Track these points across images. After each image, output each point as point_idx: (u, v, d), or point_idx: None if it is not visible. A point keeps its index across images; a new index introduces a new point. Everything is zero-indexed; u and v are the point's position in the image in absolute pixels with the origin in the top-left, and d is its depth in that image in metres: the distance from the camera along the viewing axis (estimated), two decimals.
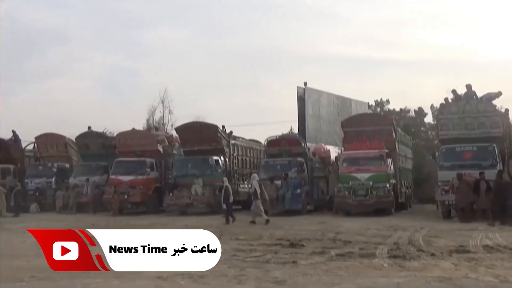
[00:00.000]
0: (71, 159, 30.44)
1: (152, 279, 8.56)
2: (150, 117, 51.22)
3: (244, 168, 28.25)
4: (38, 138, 31.05)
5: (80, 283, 8.34)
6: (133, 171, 25.91)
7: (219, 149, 25.93)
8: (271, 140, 26.24)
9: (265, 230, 16.11)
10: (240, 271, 9.14)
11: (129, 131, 28.59)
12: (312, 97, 32.46)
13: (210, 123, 27.55)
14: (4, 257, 11.45)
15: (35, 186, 28.52)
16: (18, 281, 8.59)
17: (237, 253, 11.33)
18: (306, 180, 24.42)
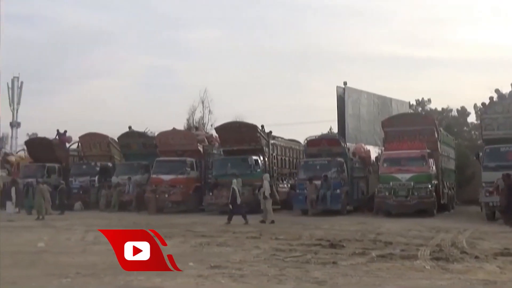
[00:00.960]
0: (114, 158, 31.02)
1: (193, 277, 8.66)
2: (190, 117, 51.80)
3: (283, 168, 28.23)
4: (82, 138, 31.76)
5: (123, 280, 8.48)
6: (174, 170, 26.20)
7: (258, 148, 25.99)
8: (310, 140, 26.13)
9: (304, 230, 16.07)
10: (280, 271, 9.15)
11: (170, 130, 28.95)
12: (352, 97, 32.16)
13: (249, 123, 27.63)
14: (50, 253, 11.79)
15: (79, 185, 29.21)
16: (63, 277, 8.80)
17: (277, 252, 11.34)
18: (345, 180, 24.23)
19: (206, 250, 12.13)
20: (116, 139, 30.74)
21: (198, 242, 13.36)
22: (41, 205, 22.94)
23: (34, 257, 11.06)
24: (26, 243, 13.55)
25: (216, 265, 9.72)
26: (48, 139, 32.70)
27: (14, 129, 60.42)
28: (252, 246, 12.52)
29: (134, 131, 29.97)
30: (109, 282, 8.42)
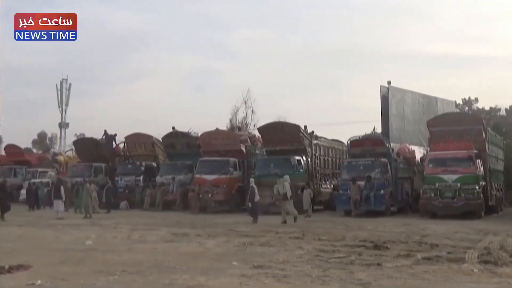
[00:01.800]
0: (158, 158, 31.48)
1: (236, 276, 8.71)
2: (233, 117, 52.08)
3: (326, 168, 28.06)
4: (128, 138, 32.37)
5: (167, 278, 8.61)
6: (217, 170, 26.40)
7: (301, 149, 25.91)
8: (354, 140, 25.87)
9: (348, 231, 15.94)
10: (324, 272, 9.10)
11: (213, 131, 29.19)
12: (396, 96, 31.74)
13: (292, 123, 27.56)
14: (97, 251, 12.06)
15: (125, 184, 29.78)
16: (110, 274, 8.98)
17: (320, 253, 11.29)
18: (389, 181, 23.89)
19: (249, 249, 12.17)
20: (161, 139, 31.20)
21: (241, 242, 13.42)
22: (88, 204, 23.50)
23: (82, 255, 11.34)
24: (74, 241, 13.91)
25: (260, 265, 9.74)
26: (95, 139, 33.50)
27: (62, 129, 62.12)
28: (295, 247, 12.50)
29: (178, 131, 30.32)
30: (154, 280, 8.55)
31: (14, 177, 36.79)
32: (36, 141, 68.68)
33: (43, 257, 10.87)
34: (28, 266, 9.57)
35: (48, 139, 71.09)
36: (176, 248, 12.57)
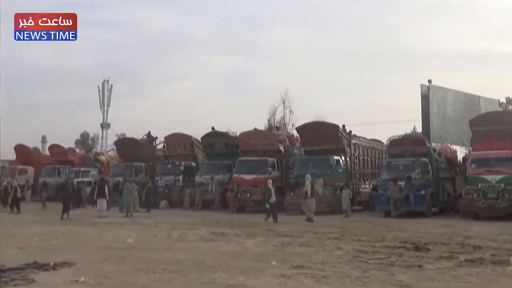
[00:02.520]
0: (197, 158, 31.75)
1: (275, 276, 8.72)
2: (271, 117, 52.22)
3: (365, 168, 27.81)
4: (167, 138, 32.77)
5: (207, 277, 8.68)
6: (255, 170, 26.45)
7: (339, 148, 25.75)
8: (393, 139, 25.52)
9: (387, 232, 15.74)
10: (363, 273, 9.02)
11: (251, 131, 29.25)
12: (437, 95, 31.10)
13: (330, 123, 27.43)
14: (138, 249, 12.26)
15: (164, 184, 30.15)
16: (151, 272, 9.12)
17: (360, 254, 11.19)
18: (430, 181, 23.48)
19: (288, 249, 12.16)
20: (200, 139, 31.44)
21: (279, 242, 13.42)
22: (129, 203, 23.88)
23: (124, 253, 11.54)
24: (116, 239, 14.17)
25: (299, 265, 9.73)
26: (136, 139, 34.06)
27: (104, 130, 63.43)
28: (334, 247, 12.42)
29: (217, 131, 30.51)
30: (194, 278, 8.63)
31: (58, 176, 37.71)
32: (79, 141, 70.30)
33: (86, 255, 11.12)
34: (72, 263, 9.80)
35: (90, 139, 72.70)
36: (215, 247, 12.66)
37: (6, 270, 9.10)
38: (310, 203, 20.85)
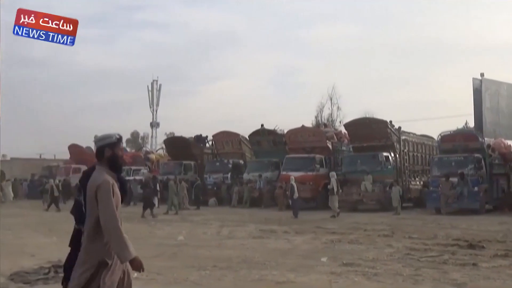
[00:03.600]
0: (245, 156, 31.89)
1: (325, 274, 8.69)
2: (318, 113, 51.90)
3: (415, 164, 27.31)
4: (215, 136, 33.06)
5: (257, 274, 8.72)
6: (303, 167, 26.34)
7: (389, 145, 25.37)
8: (444, 135, 24.94)
9: (439, 229, 15.42)
10: (415, 271, 8.87)
11: (299, 128, 29.15)
12: (490, 89, 30.22)
13: (379, 119, 27.05)
14: (189, 246, 12.44)
15: (213, 181, 30.41)
16: (202, 269, 9.23)
17: (411, 252, 11.00)
18: (484, 178, 22.82)
19: (338, 247, 12.10)
20: (247, 137, 31.57)
21: (329, 239, 13.36)
22: (172, 201, 24.10)
23: (175, 250, 11.74)
24: (167, 236, 14.43)
25: (349, 263, 9.66)
26: (185, 138, 34.49)
27: (153, 129, 64.53)
28: (384, 245, 12.27)
29: (264, 129, 30.55)
30: (244, 275, 8.70)
31: None
32: (130, 140, 71.78)
33: (138, 251, 11.17)
34: None
35: (141, 138, 74.11)
36: (265, 244, 12.71)
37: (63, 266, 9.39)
38: (334, 200, 21.26)
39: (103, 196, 4.06)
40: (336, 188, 21.51)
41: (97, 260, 4.07)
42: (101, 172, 4.21)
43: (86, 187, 4.20)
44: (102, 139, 4.36)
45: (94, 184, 4.14)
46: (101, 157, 4.29)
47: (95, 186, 4.12)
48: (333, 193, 21.37)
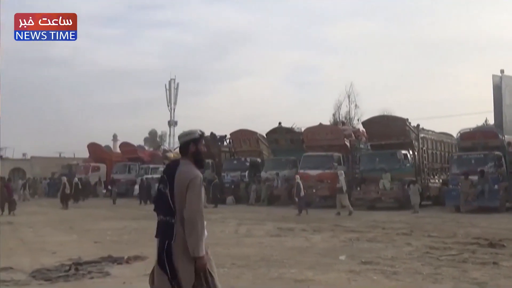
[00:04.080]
0: (262, 154, 31.91)
1: (344, 272, 8.66)
2: (336, 111, 51.78)
3: (434, 162, 27.10)
4: (233, 134, 33.11)
5: (276, 272, 8.73)
6: (321, 165, 26.26)
7: (407, 142, 25.18)
8: (464, 132, 24.71)
9: (459, 228, 15.27)
10: (435, 270, 8.80)
11: (316, 126, 29.08)
12: (510, 85, 29.88)
13: (397, 116, 26.89)
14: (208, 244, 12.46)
15: (231, 179, 30.48)
16: (220, 267, 9.22)
17: (431, 250, 10.91)
18: (504, 176, 22.53)
19: (356, 245, 12.04)
20: (265, 135, 31.58)
21: (347, 237, 13.31)
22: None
23: None
24: None
25: (367, 261, 9.62)
26: None
27: (171, 127, 64.91)
28: (403, 243, 12.19)
29: (282, 127, 30.56)
30: (262, 273, 8.70)
31: (128, 173, 38.95)
32: (148, 139, 72.27)
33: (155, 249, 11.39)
34: (144, 257, 10.09)
35: (159, 137, 74.58)
36: (283, 242, 12.70)
37: (83, 263, 9.52)
38: (343, 198, 21.60)
39: (195, 190, 4.21)
40: (345, 186, 21.84)
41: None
42: (191, 167, 4.37)
43: (172, 180, 4.30)
44: (186, 135, 4.52)
45: (186, 177, 4.25)
46: (186, 152, 4.45)
47: (188, 179, 4.23)
48: (342, 192, 21.66)
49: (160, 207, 4.44)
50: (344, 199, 21.63)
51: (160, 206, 4.44)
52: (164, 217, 4.40)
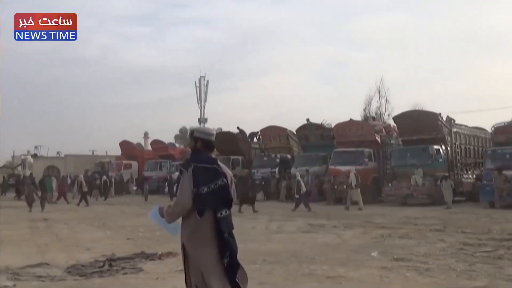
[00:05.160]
0: (292, 150, 31.85)
1: (376, 268, 8.59)
2: (366, 107, 51.27)
3: (467, 157, 26.65)
4: (263, 131, 33.14)
5: (307, 268, 8.71)
6: (351, 161, 26.04)
7: (439, 137, 24.84)
8: (498, 127, 24.22)
9: (493, 224, 15.01)
10: (470, 266, 8.66)
11: (347, 121, 28.87)
12: None
13: (429, 111, 26.54)
14: (239, 241, 12.48)
15: (261, 176, 30.50)
16: (252, 263, 9.25)
17: (465, 247, 10.75)
18: None
19: (388, 241, 11.94)
20: (294, 131, 31.51)
21: (379, 234, 13.21)
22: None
23: None
24: None
25: (400, 257, 9.52)
26: (233, 133, 34.72)
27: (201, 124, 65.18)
28: (436, 239, 12.03)
29: (312, 123, 30.44)
30: (294, 270, 8.69)
31: (160, 170, 39.34)
32: (179, 136, 72.85)
33: None
34: (176, 254, 10.17)
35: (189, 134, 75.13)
36: (314, 238, 12.67)
37: (117, 259, 9.66)
38: (354, 194, 22.18)
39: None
40: (356, 182, 22.29)
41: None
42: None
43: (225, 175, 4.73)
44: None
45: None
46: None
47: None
48: (352, 187, 22.33)
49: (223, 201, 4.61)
50: (354, 195, 22.19)
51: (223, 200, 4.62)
52: (229, 210, 4.69)
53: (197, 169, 4.60)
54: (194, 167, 4.61)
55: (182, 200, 4.57)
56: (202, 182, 4.58)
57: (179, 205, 4.59)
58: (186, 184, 4.57)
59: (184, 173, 4.63)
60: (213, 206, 4.59)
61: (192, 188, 4.53)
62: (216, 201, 4.62)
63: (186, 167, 4.64)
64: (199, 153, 4.79)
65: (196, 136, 4.87)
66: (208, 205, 4.58)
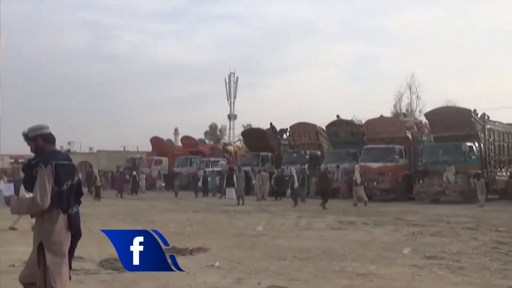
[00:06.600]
0: (322, 147, 31.69)
1: (408, 266, 8.51)
2: (397, 103, 50.78)
3: (501, 154, 26.13)
4: (292, 127, 33.05)
5: (337, 265, 8.68)
6: (382, 158, 25.84)
7: (472, 134, 24.40)
8: None
9: None
10: (504, 265, 8.51)
11: (377, 118, 28.61)
12: None
13: (462, 107, 26.12)
14: (268, 237, 12.55)
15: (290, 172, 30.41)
16: (282, 259, 9.29)
17: (498, 245, 10.57)
18: None
19: (419, 239, 11.80)
20: (324, 128, 31.35)
21: (410, 231, 13.07)
22: (242, 191, 24.27)
23: (254, 240, 11.88)
24: (246, 227, 14.62)
25: (432, 255, 9.41)
26: (262, 130, 34.74)
27: (231, 121, 65.52)
28: (469, 238, 11.86)
29: (342, 119, 30.25)
30: (324, 266, 8.67)
31: (190, 166, 39.63)
32: (208, 132, 73.29)
33: (219, 241, 11.60)
34: (206, 249, 10.27)
35: (219, 130, 75.49)
36: (344, 235, 12.61)
37: None
38: (359, 191, 22.59)
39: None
40: (360, 179, 22.71)
41: None
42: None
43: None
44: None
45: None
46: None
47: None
48: (357, 184, 22.64)
49: (77, 197, 4.74)
50: (359, 191, 22.58)
51: (78, 196, 4.76)
52: (79, 205, 4.78)
53: (57, 166, 4.45)
54: (55, 164, 4.45)
55: (42, 201, 4.33)
56: (64, 179, 4.50)
57: (38, 206, 4.35)
58: (46, 183, 4.36)
59: (42, 170, 4.38)
60: (72, 203, 4.57)
61: (53, 186, 4.40)
62: (74, 197, 4.61)
63: (45, 164, 4.41)
64: (52, 150, 4.61)
65: (33, 135, 4.60)
66: (69, 202, 4.54)
